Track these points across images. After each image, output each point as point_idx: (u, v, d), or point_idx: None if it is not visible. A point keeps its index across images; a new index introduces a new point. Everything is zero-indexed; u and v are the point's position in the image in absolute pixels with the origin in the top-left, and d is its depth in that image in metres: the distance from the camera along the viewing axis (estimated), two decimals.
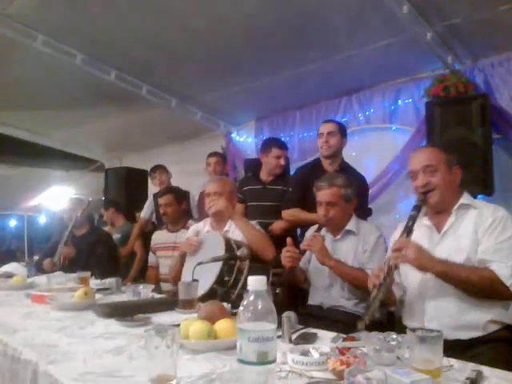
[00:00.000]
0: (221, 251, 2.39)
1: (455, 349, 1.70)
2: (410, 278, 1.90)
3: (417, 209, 1.87)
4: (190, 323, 1.48)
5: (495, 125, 3.53)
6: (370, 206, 4.25)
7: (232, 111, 5.23)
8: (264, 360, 0.94)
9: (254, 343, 0.94)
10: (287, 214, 3.23)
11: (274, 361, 0.96)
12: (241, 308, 0.99)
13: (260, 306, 0.98)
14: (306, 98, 4.69)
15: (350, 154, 4.52)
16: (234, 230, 2.70)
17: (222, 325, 1.47)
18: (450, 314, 1.78)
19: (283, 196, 3.41)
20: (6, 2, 3.35)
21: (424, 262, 1.71)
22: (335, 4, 3.13)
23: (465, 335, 1.75)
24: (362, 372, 1.01)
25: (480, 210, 1.84)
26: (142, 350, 1.34)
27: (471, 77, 3.69)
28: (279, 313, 1.66)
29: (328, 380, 1.10)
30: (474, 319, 1.75)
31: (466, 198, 1.91)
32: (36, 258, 3.95)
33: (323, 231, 2.45)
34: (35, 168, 7.04)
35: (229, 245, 2.45)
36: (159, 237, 3.73)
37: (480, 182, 3.33)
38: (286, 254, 2.28)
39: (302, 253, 2.35)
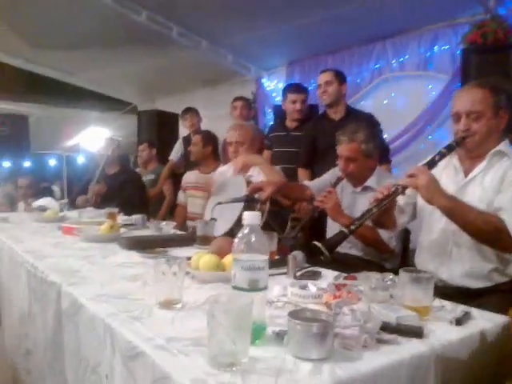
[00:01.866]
0: (242, 194, 2.46)
1: (462, 296, 1.73)
2: (435, 217, 1.83)
3: (449, 148, 1.76)
4: (201, 256, 1.58)
5: None
6: (400, 154, 4.24)
7: (263, 55, 5.15)
8: (255, 287, 1.02)
9: (246, 271, 1.02)
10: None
11: (264, 288, 1.04)
12: (236, 240, 1.06)
13: (253, 239, 1.05)
14: (339, 42, 4.56)
15: (382, 102, 4.48)
16: (257, 176, 2.75)
17: (230, 258, 1.56)
18: (461, 261, 1.77)
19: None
20: None
21: (432, 192, 1.62)
22: None
23: (473, 284, 1.75)
24: (348, 304, 1.08)
25: None
26: None
27: None
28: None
29: (316, 310, 1.17)
30: (478, 267, 1.74)
31: (503, 145, 1.79)
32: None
33: (344, 182, 2.44)
34: (70, 109, 7.19)
35: None
36: (190, 176, 3.80)
37: None
38: (323, 194, 2.27)
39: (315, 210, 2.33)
